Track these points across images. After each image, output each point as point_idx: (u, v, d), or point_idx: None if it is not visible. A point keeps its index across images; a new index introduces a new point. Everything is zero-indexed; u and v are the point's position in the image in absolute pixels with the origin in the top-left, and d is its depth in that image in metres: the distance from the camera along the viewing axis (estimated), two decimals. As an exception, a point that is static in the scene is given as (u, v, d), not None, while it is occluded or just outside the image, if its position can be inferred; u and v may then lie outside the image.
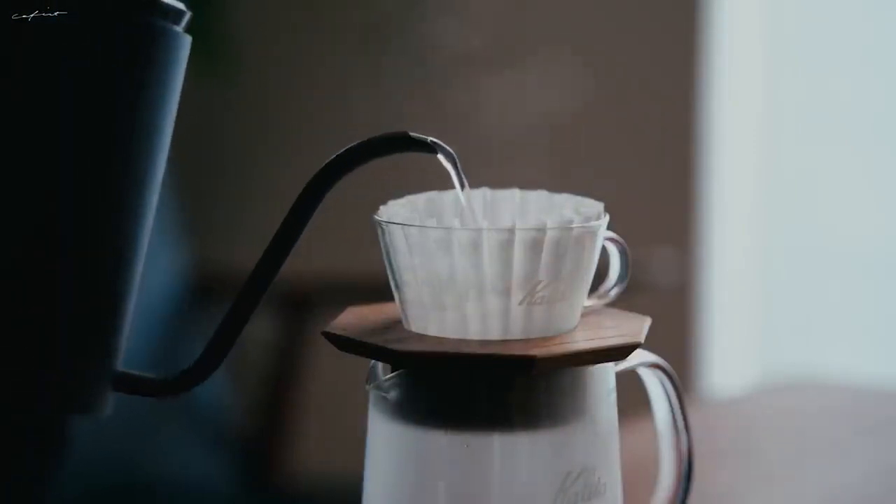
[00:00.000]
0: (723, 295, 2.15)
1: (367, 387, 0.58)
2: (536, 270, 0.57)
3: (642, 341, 0.59)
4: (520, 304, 0.57)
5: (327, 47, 2.25)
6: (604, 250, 0.62)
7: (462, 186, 0.59)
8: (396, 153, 0.58)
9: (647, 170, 2.11)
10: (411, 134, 0.58)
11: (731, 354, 2.17)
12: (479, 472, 0.57)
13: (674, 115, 2.10)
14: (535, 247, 0.57)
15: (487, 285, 0.57)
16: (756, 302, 2.19)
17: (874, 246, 2.13)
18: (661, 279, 1.78)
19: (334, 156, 0.58)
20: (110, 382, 0.58)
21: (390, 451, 0.58)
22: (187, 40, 0.58)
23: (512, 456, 0.57)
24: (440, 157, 0.58)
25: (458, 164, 0.59)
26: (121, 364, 0.59)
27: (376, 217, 0.59)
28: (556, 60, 2.12)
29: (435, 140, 0.58)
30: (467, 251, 0.57)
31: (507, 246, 0.57)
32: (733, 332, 2.17)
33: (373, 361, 0.59)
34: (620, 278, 0.64)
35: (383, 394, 0.58)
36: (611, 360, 0.59)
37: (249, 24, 2.26)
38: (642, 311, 0.62)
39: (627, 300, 0.64)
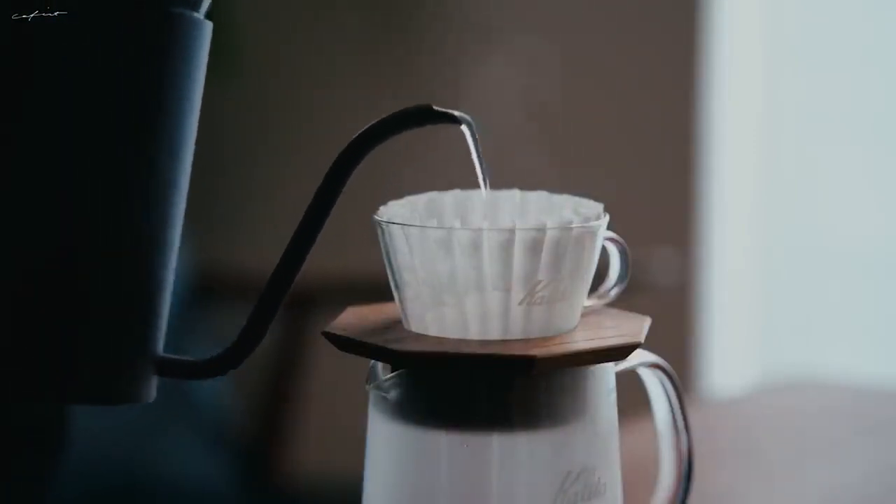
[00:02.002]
0: (723, 295, 2.15)
1: (367, 387, 0.58)
2: (536, 270, 0.57)
3: (642, 341, 0.59)
4: (520, 304, 0.57)
5: (328, 46, 2.25)
6: (604, 250, 0.62)
7: (478, 156, 0.59)
8: (419, 127, 0.58)
9: (647, 170, 2.10)
10: (434, 107, 0.58)
11: (731, 354, 2.17)
12: (479, 472, 0.57)
13: (674, 115, 2.09)
14: (535, 247, 0.57)
15: (487, 285, 0.57)
16: (756, 302, 2.19)
17: (874, 246, 2.13)
18: (661, 279, 1.78)
19: (358, 133, 0.58)
20: (153, 368, 0.58)
21: (390, 451, 0.58)
22: (208, 26, 0.58)
23: (512, 456, 0.57)
24: (463, 128, 0.58)
25: (476, 136, 0.59)
26: (161, 349, 0.59)
27: (376, 217, 0.59)
28: (556, 60, 2.12)
29: (461, 114, 0.58)
30: (467, 251, 0.57)
31: (507, 246, 0.57)
32: (733, 332, 2.17)
33: (373, 361, 0.59)
34: (620, 278, 0.64)
35: (383, 394, 0.58)
36: (611, 360, 0.59)
37: (249, 24, 2.26)
38: (642, 311, 0.62)
39: (627, 300, 0.63)
